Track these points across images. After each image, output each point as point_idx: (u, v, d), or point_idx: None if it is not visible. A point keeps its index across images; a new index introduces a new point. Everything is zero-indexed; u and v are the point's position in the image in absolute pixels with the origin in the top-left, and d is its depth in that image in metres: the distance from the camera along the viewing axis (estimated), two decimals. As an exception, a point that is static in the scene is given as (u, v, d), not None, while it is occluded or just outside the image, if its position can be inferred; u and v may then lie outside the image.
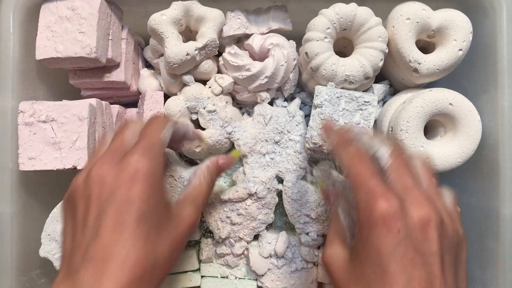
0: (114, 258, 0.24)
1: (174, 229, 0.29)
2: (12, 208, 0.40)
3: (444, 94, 0.39)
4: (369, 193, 0.25)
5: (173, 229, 0.29)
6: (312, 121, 0.39)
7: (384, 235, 0.24)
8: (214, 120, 0.42)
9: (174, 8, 0.40)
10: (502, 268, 0.39)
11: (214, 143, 0.42)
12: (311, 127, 0.39)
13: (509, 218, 0.39)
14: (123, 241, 0.24)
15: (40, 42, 0.40)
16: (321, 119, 0.39)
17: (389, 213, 0.24)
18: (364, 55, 0.40)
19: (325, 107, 0.39)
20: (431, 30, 0.41)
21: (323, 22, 0.39)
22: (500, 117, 0.39)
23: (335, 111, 0.39)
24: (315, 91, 0.39)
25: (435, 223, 0.24)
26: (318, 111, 0.39)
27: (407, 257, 0.23)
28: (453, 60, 0.40)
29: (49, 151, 0.39)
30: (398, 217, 0.24)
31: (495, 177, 0.40)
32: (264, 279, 0.43)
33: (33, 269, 0.42)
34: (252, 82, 0.41)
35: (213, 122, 0.42)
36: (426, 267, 0.24)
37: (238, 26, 0.43)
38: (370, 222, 0.25)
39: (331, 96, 0.39)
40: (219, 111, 0.42)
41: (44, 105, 0.39)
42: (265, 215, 0.43)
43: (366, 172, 0.27)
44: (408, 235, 0.24)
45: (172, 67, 0.40)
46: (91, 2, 0.40)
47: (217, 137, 0.42)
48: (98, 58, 0.40)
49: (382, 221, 0.24)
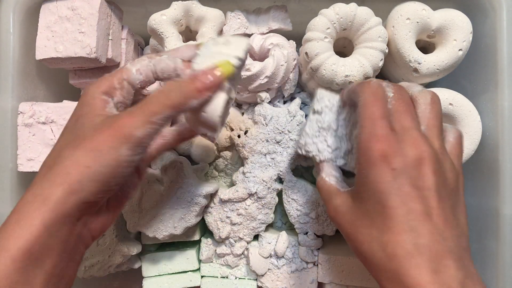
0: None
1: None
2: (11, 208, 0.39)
3: (444, 94, 0.40)
4: (371, 134, 0.27)
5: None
6: (308, 127, 0.36)
7: (382, 173, 0.26)
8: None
9: (174, 8, 0.40)
10: (502, 268, 0.39)
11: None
12: (306, 133, 0.36)
13: (509, 218, 0.39)
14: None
15: (40, 42, 0.40)
16: (318, 127, 0.35)
17: (387, 153, 0.26)
18: (364, 55, 0.40)
19: (324, 114, 0.35)
20: (431, 30, 0.41)
21: (323, 22, 0.39)
22: (500, 117, 0.39)
23: (335, 120, 0.35)
24: (317, 95, 0.36)
25: (430, 160, 0.26)
26: (316, 118, 0.36)
27: (404, 191, 0.25)
28: (453, 60, 0.40)
29: (48, 153, 0.39)
30: (395, 157, 0.26)
31: (495, 177, 0.40)
32: (264, 279, 0.43)
33: (33, 269, 0.42)
34: (252, 82, 0.41)
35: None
36: (423, 200, 0.25)
37: (238, 26, 0.43)
38: (369, 162, 0.27)
39: (333, 103, 0.36)
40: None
41: (44, 106, 0.39)
42: (265, 215, 0.43)
43: (377, 112, 0.28)
44: (404, 172, 0.26)
45: (172, 67, 0.40)
46: (91, 2, 0.40)
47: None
48: (98, 58, 0.40)
49: (380, 160, 0.26)
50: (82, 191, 0.25)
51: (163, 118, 0.26)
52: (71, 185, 0.25)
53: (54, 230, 0.24)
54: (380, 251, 0.25)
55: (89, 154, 0.25)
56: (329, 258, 0.42)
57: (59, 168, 0.26)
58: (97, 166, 0.25)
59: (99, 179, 0.25)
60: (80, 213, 0.26)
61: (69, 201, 0.25)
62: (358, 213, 0.28)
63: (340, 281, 0.42)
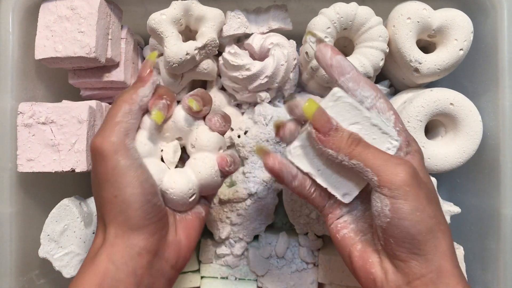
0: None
1: None
2: (11, 208, 0.40)
3: (445, 94, 0.39)
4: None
5: None
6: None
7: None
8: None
9: (174, 8, 0.40)
10: (503, 268, 0.39)
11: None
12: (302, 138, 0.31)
13: (510, 218, 0.38)
14: None
15: (40, 42, 0.40)
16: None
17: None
18: (365, 54, 0.40)
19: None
20: (431, 29, 0.41)
21: (324, 22, 0.39)
22: (501, 117, 0.39)
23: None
24: (332, 94, 0.29)
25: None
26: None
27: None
28: (454, 60, 0.40)
29: (47, 153, 0.39)
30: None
31: (496, 177, 0.40)
32: (264, 280, 0.43)
33: (32, 270, 0.42)
34: (252, 81, 0.41)
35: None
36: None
37: (238, 25, 0.42)
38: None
39: (344, 110, 0.29)
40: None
41: (44, 106, 0.39)
42: (265, 215, 0.43)
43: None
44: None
45: (172, 66, 0.40)
46: (91, 1, 0.40)
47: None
48: (97, 58, 0.40)
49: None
50: (128, 218, 0.27)
51: (125, 115, 0.29)
52: (113, 217, 0.27)
53: (119, 263, 0.26)
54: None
55: (108, 186, 0.28)
56: (330, 258, 0.42)
57: (99, 211, 0.29)
58: (119, 191, 0.27)
59: (130, 199, 0.27)
60: (140, 242, 0.27)
61: (120, 234, 0.27)
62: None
63: (341, 281, 0.42)
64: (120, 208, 0.27)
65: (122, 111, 0.29)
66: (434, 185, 0.29)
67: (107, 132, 0.28)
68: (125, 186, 0.27)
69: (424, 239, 0.25)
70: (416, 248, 0.25)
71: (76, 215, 0.39)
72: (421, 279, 0.25)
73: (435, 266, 0.25)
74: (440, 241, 0.26)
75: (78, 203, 0.41)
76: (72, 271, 0.40)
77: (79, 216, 0.40)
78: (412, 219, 0.25)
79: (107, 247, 0.26)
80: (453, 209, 0.41)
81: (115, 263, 0.26)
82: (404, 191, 0.26)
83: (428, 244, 0.25)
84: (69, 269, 0.40)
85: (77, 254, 0.40)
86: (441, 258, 0.25)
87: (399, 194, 0.26)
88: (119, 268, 0.26)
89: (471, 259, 0.42)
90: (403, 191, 0.26)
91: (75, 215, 0.39)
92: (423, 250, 0.25)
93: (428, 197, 0.26)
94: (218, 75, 0.45)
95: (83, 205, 0.41)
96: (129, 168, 0.27)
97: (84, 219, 0.40)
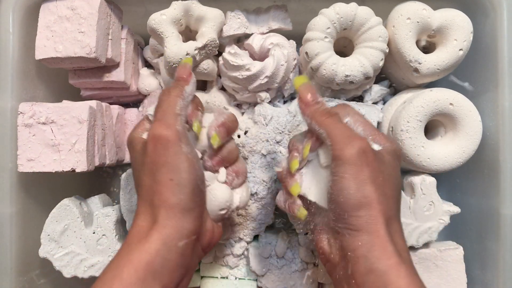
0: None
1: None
2: (11, 208, 0.40)
3: (444, 94, 0.39)
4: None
5: None
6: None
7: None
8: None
9: (174, 8, 0.40)
10: (503, 268, 0.39)
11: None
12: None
13: (510, 218, 0.39)
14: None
15: (40, 42, 0.40)
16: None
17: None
18: (365, 54, 0.40)
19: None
20: (431, 30, 0.41)
21: (323, 22, 0.39)
22: (501, 117, 0.39)
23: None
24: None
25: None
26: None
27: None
28: (453, 60, 0.40)
29: (48, 153, 0.39)
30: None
31: (496, 177, 0.40)
32: (264, 280, 0.43)
33: (32, 270, 0.42)
34: (252, 82, 0.41)
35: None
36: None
37: (238, 25, 0.42)
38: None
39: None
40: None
41: (44, 106, 0.39)
42: (265, 215, 0.43)
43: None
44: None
45: (172, 67, 0.40)
46: (91, 1, 0.40)
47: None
48: (97, 58, 0.40)
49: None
50: (180, 201, 0.28)
51: (182, 109, 0.31)
52: (166, 199, 0.28)
53: (171, 244, 0.27)
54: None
55: (165, 170, 0.29)
56: (329, 258, 0.42)
57: (147, 195, 0.30)
58: (175, 175, 0.29)
59: (184, 182, 0.29)
60: (189, 224, 0.29)
61: (172, 215, 0.28)
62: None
63: (340, 281, 0.42)
64: (174, 190, 0.28)
65: (179, 105, 0.31)
66: (398, 176, 0.30)
67: (171, 121, 0.30)
68: (182, 171, 0.29)
69: (356, 215, 0.27)
70: (349, 224, 0.27)
71: (76, 215, 0.39)
72: (354, 252, 0.27)
73: (366, 241, 0.26)
74: (373, 219, 0.27)
75: (78, 203, 0.41)
76: (72, 271, 0.40)
77: (79, 216, 0.40)
78: (345, 195, 0.27)
79: (159, 228, 0.28)
80: (452, 209, 0.41)
81: (167, 244, 0.27)
82: (344, 168, 0.28)
83: (360, 220, 0.27)
84: (69, 269, 0.40)
85: (77, 254, 0.40)
86: (372, 234, 0.26)
87: (340, 170, 0.28)
88: (170, 249, 0.27)
89: (470, 259, 0.42)
90: (343, 167, 0.28)
91: (75, 215, 0.39)
92: (354, 225, 0.27)
93: (372, 179, 0.27)
94: (218, 75, 0.45)
95: (83, 205, 0.41)
96: (188, 155, 0.29)
97: (84, 219, 0.40)
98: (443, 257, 0.42)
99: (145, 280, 0.26)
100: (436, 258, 0.42)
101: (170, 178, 0.28)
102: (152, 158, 0.29)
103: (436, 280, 0.42)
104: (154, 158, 0.29)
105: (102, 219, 0.41)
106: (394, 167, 0.30)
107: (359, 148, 0.28)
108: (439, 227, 0.41)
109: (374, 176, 0.28)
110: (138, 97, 0.49)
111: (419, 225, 0.41)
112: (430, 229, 0.41)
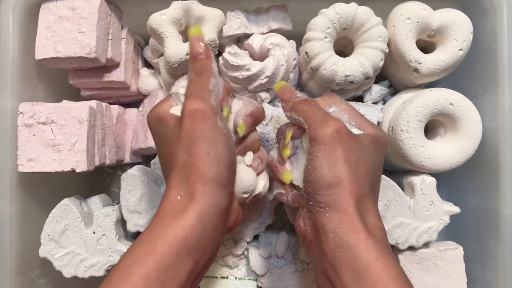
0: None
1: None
2: (11, 208, 0.40)
3: (444, 94, 0.39)
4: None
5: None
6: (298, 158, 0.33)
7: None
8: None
9: (174, 8, 0.40)
10: (502, 268, 0.39)
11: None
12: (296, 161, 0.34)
13: (510, 218, 0.39)
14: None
15: (40, 42, 0.40)
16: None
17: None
18: (365, 55, 0.40)
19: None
20: (431, 30, 0.41)
21: (323, 22, 0.39)
22: (501, 117, 0.39)
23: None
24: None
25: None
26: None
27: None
28: (453, 60, 0.40)
29: (48, 153, 0.39)
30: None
31: (496, 177, 0.40)
32: (264, 280, 0.43)
33: (32, 270, 0.42)
34: (252, 82, 0.41)
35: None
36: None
37: (238, 26, 0.42)
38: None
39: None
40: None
41: (44, 106, 0.39)
42: (265, 215, 0.43)
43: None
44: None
45: (172, 67, 0.40)
46: (91, 1, 0.40)
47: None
48: (97, 58, 0.40)
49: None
50: (217, 175, 0.28)
51: (214, 86, 0.31)
52: (203, 173, 0.28)
53: (206, 220, 0.27)
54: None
55: (202, 144, 0.29)
56: (329, 258, 0.42)
57: (182, 170, 0.29)
58: (212, 149, 0.28)
59: (220, 157, 0.28)
60: (223, 201, 0.29)
61: (208, 191, 0.28)
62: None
63: (340, 281, 0.42)
64: (211, 164, 0.28)
65: (212, 82, 0.31)
66: (376, 160, 0.31)
67: (206, 96, 0.30)
68: (219, 145, 0.28)
69: (326, 194, 0.28)
70: (320, 202, 0.28)
71: (76, 215, 0.39)
72: (324, 228, 0.28)
73: (335, 218, 0.27)
74: (341, 197, 0.27)
75: (79, 203, 0.41)
76: (72, 271, 0.40)
77: (79, 216, 0.40)
78: (316, 174, 0.28)
79: (195, 203, 0.27)
80: (452, 209, 0.41)
81: (203, 219, 0.27)
82: (318, 147, 0.28)
83: (330, 198, 0.28)
84: (69, 269, 0.40)
85: (77, 254, 0.40)
86: (341, 212, 0.27)
87: (314, 150, 0.29)
88: (205, 225, 0.27)
89: (470, 259, 0.42)
90: (317, 147, 0.28)
91: (76, 215, 0.39)
92: (324, 203, 0.28)
93: (345, 158, 0.28)
94: (218, 75, 0.45)
95: (83, 205, 0.41)
96: (223, 129, 0.29)
97: (84, 219, 0.40)
98: (443, 257, 0.42)
99: (179, 255, 0.26)
100: (436, 258, 0.42)
101: (207, 152, 0.28)
102: (188, 132, 0.29)
103: (436, 280, 0.42)
104: (190, 132, 0.29)
105: (102, 219, 0.41)
106: (371, 150, 0.30)
107: (333, 128, 0.28)
108: (439, 227, 0.41)
109: (346, 156, 0.28)
110: (138, 97, 0.49)
111: (419, 225, 0.41)
112: (430, 229, 0.41)
